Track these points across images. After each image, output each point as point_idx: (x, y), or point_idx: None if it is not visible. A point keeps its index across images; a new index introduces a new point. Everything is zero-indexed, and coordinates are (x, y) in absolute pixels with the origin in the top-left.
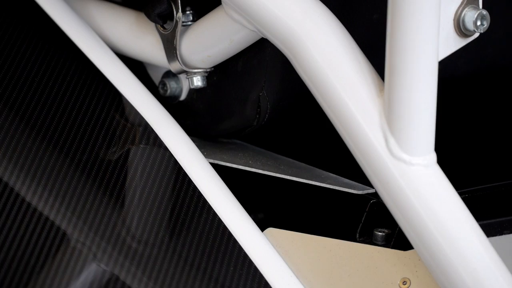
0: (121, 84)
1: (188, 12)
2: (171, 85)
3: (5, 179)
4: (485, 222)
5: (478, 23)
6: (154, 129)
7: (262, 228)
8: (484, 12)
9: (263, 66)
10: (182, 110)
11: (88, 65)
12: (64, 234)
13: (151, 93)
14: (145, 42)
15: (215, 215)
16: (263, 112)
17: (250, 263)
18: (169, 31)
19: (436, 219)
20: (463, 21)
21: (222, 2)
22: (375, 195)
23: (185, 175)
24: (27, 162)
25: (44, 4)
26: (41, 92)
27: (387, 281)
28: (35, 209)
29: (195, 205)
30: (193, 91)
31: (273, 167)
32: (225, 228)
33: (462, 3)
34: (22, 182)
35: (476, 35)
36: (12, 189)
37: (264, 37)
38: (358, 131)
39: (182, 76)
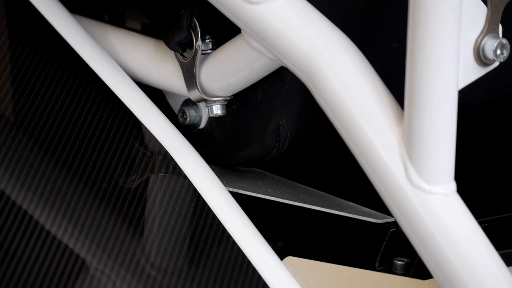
0: (141, 112)
1: (207, 41)
2: (191, 114)
3: (24, 206)
4: (505, 251)
5: (498, 52)
6: (174, 157)
7: (282, 256)
8: (504, 41)
9: (283, 95)
10: (201, 139)
11: (107, 93)
12: (84, 262)
13: (171, 122)
14: (165, 71)
15: (234, 243)
16: (283, 140)
17: None
18: (188, 60)
19: (456, 248)
20: (483, 50)
21: (241, 31)
22: (395, 224)
23: (204, 203)
24: (46, 189)
25: (63, 31)
26: (60, 120)
27: None
28: (54, 237)
29: (214, 233)
30: (212, 120)
31: (293, 196)
32: (244, 256)
33: (482, 32)
34: (42, 209)
35: (496, 64)
36: (31, 217)
37: (283, 65)
38: (377, 160)
39: (202, 105)
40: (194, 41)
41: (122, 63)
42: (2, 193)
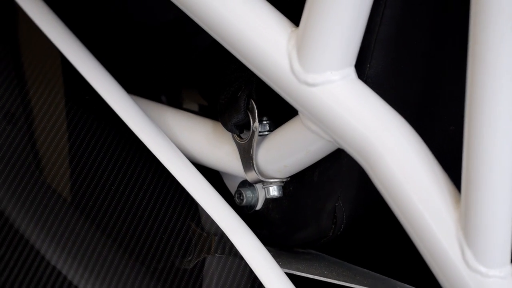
0: (197, 193)
1: (264, 122)
2: (247, 195)
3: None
4: None
5: None
6: (230, 239)
7: None
8: None
9: (339, 177)
10: (257, 220)
11: (164, 174)
12: None
13: (227, 203)
14: (222, 152)
15: None
16: (339, 222)
17: None
18: (245, 141)
19: None
20: None
21: (298, 113)
22: None
23: (260, 285)
24: (103, 268)
25: (121, 112)
26: (117, 200)
27: None
28: None
29: None
30: (269, 201)
31: (349, 278)
32: None
33: None
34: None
35: None
36: None
37: (340, 147)
38: (434, 242)
39: (258, 186)
40: (252, 123)
41: (179, 144)
42: (59, 274)
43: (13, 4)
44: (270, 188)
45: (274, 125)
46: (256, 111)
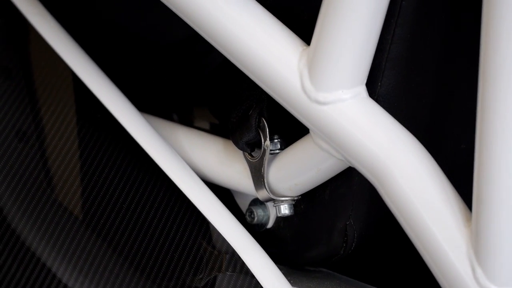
0: (208, 211)
1: (276, 141)
2: (258, 213)
3: None
4: None
5: None
6: (241, 257)
7: None
8: None
9: (350, 195)
10: (269, 238)
11: (176, 192)
12: None
13: (238, 221)
14: (233, 170)
15: None
16: (350, 240)
17: None
18: (256, 159)
19: None
20: None
21: (309, 131)
22: None
23: None
24: (114, 286)
25: (132, 130)
26: (128, 218)
27: None
28: None
29: None
30: (280, 219)
31: None
32: None
33: None
34: None
35: None
36: None
37: (351, 165)
38: (444, 261)
39: (269, 204)
40: (263, 141)
41: (191, 162)
42: None
43: (25, 23)
44: (281, 206)
45: (285, 143)
46: (267, 130)
